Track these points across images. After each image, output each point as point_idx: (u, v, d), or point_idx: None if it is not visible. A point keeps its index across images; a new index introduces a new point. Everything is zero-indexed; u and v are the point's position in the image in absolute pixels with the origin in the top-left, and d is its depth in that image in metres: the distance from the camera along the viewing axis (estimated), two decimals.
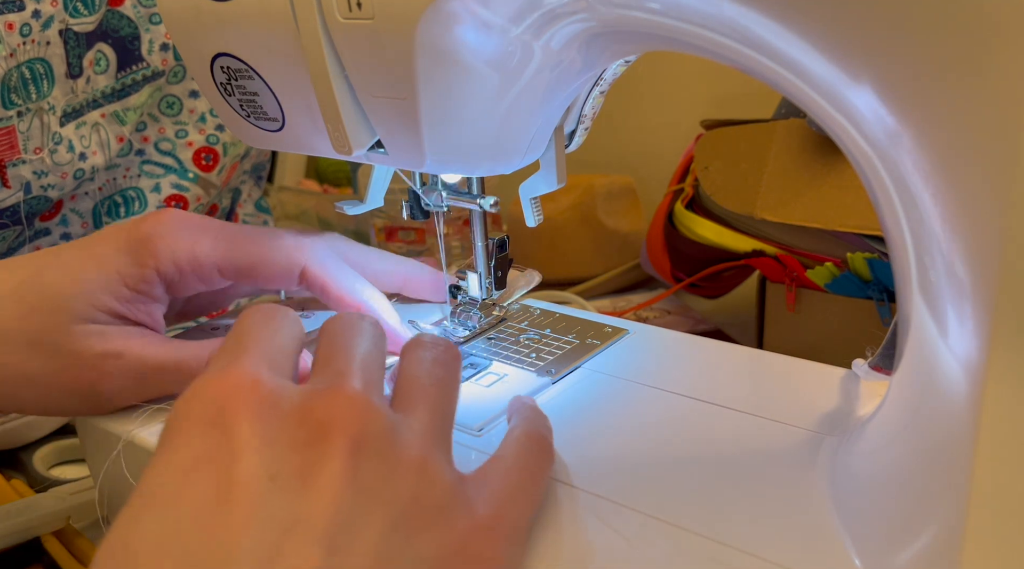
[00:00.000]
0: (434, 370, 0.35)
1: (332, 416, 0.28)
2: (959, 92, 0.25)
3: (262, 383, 0.29)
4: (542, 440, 0.37)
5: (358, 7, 0.36)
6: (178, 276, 0.43)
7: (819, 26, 0.28)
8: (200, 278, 0.44)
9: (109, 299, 0.42)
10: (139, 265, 0.42)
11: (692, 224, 0.74)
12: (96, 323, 0.42)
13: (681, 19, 0.34)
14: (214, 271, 0.44)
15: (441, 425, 0.32)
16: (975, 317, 0.26)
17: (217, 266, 0.44)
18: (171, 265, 0.43)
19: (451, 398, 0.35)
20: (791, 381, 0.47)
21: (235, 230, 0.45)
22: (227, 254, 0.44)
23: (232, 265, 0.44)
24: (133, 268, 0.42)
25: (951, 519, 0.28)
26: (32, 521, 0.52)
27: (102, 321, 0.42)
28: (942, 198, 0.27)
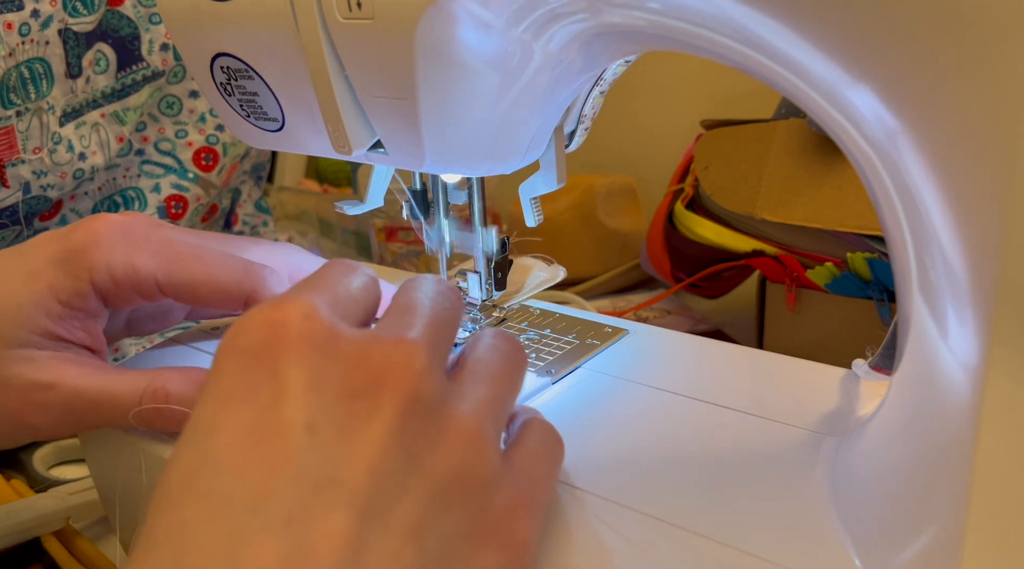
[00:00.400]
0: (502, 359, 0.32)
1: (388, 367, 0.26)
2: (960, 92, 0.25)
3: (319, 319, 0.26)
4: (557, 433, 0.36)
5: (358, 7, 0.36)
6: (114, 288, 0.40)
7: (821, 26, 0.28)
8: (139, 292, 0.40)
9: (41, 318, 0.38)
10: (72, 277, 0.39)
11: (692, 224, 0.74)
12: (27, 347, 0.38)
13: (681, 19, 0.34)
14: (153, 285, 0.40)
15: (500, 405, 0.30)
16: (975, 317, 0.26)
17: (156, 281, 0.40)
18: (106, 276, 0.39)
19: (514, 386, 0.32)
20: (791, 381, 0.46)
21: (182, 245, 0.41)
22: (168, 269, 0.40)
23: (171, 282, 0.40)
24: (65, 281, 0.39)
25: (951, 519, 0.28)
26: (32, 521, 0.52)
27: (34, 344, 0.38)
28: (943, 197, 0.27)
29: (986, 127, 0.25)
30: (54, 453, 0.65)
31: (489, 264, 0.52)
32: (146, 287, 0.40)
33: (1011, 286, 0.24)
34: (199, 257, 0.40)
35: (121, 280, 0.39)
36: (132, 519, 0.51)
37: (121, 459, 0.48)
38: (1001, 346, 0.25)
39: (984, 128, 0.25)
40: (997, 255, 0.25)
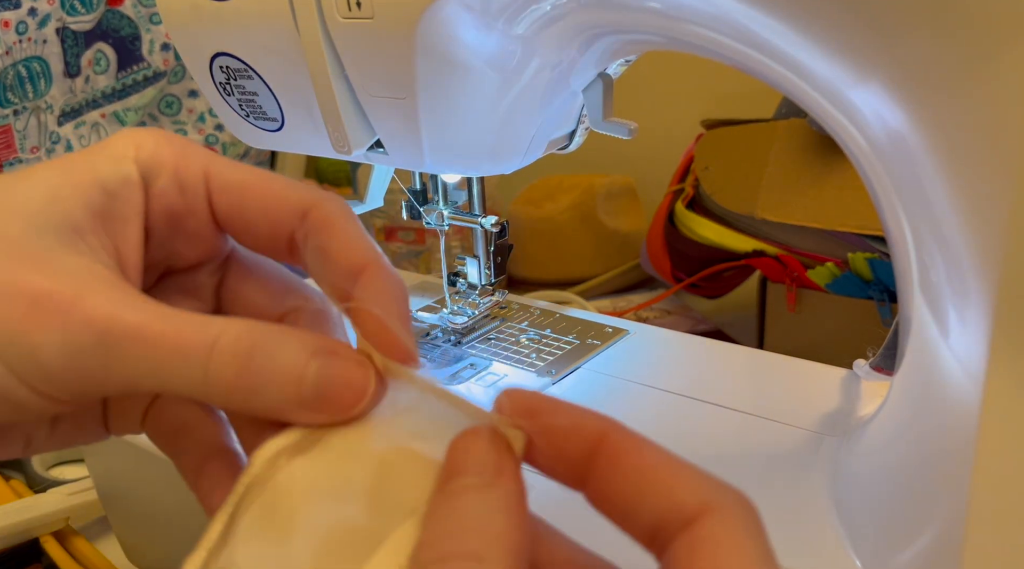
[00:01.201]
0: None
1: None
2: (970, 89, 0.25)
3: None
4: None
5: (357, 7, 0.36)
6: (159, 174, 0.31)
7: (826, 26, 0.28)
8: (182, 191, 0.31)
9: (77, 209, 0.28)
10: (115, 158, 0.30)
11: (693, 224, 0.74)
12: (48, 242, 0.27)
13: (681, 18, 0.34)
14: (200, 184, 0.31)
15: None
16: (977, 317, 0.26)
17: (206, 174, 0.31)
18: (153, 160, 0.31)
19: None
20: (792, 381, 0.46)
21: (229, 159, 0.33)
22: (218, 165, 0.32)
23: (222, 179, 0.31)
24: (107, 163, 0.30)
25: (952, 520, 0.28)
26: (31, 522, 0.52)
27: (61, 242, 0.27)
28: (950, 195, 0.27)
29: (995, 124, 0.25)
30: (53, 453, 0.65)
31: (488, 248, 0.52)
32: (192, 183, 0.31)
33: (1014, 286, 0.24)
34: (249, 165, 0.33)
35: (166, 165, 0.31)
36: (131, 520, 0.51)
37: (120, 460, 0.48)
38: (1003, 346, 0.25)
39: (993, 125, 0.25)
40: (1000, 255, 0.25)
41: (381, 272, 0.28)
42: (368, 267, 0.28)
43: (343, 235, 0.29)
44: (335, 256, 0.29)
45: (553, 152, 0.46)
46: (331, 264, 0.29)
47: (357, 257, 0.28)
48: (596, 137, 0.46)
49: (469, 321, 0.53)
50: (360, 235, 0.29)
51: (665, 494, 0.21)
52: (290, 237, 0.30)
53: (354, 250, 0.29)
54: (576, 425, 0.22)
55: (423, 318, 0.55)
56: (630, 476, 0.21)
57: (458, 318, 0.53)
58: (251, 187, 0.31)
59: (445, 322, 0.53)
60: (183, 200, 0.31)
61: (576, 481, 0.23)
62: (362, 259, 0.28)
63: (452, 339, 0.53)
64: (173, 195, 0.31)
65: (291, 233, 0.30)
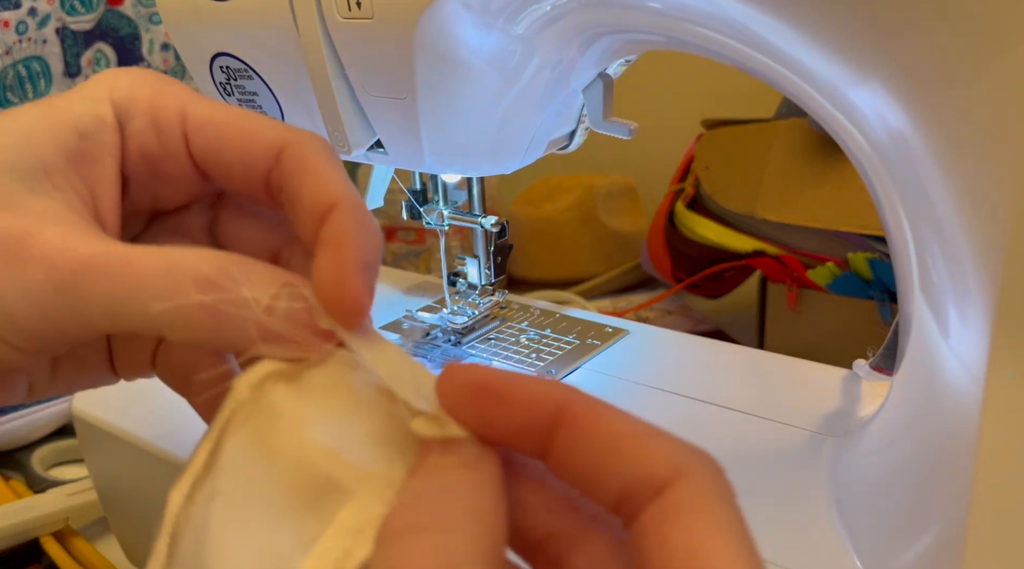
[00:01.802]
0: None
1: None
2: (971, 89, 0.25)
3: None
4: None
5: (357, 6, 0.36)
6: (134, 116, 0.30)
7: (826, 25, 0.28)
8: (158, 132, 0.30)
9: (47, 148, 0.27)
10: (91, 99, 0.29)
11: (693, 224, 0.74)
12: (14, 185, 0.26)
13: (681, 18, 0.34)
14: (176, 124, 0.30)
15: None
16: (978, 317, 0.26)
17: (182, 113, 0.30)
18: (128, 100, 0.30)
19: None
20: (792, 381, 0.46)
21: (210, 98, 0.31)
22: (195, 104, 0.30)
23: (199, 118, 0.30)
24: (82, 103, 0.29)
25: (953, 520, 0.28)
26: (31, 522, 0.52)
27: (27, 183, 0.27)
28: (951, 194, 0.27)
29: (997, 123, 0.24)
30: (53, 453, 0.65)
31: (488, 248, 0.52)
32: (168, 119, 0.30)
33: (1015, 286, 0.24)
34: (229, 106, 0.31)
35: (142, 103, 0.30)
36: (131, 520, 0.51)
37: (120, 460, 0.48)
38: (1004, 346, 0.25)
39: (995, 124, 0.25)
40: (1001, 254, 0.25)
41: (348, 212, 0.26)
42: (336, 207, 0.26)
43: (315, 174, 0.27)
44: (305, 196, 0.27)
45: (553, 152, 0.46)
46: (301, 208, 0.27)
47: (326, 197, 0.26)
48: (596, 137, 0.46)
49: (469, 321, 0.53)
50: (334, 175, 0.27)
51: (633, 462, 0.20)
52: (266, 178, 0.28)
53: (324, 190, 0.27)
54: (535, 397, 0.21)
55: (423, 318, 0.55)
56: (595, 445, 0.20)
57: (458, 318, 0.53)
58: (226, 125, 0.29)
59: (445, 322, 0.53)
60: (159, 141, 0.29)
61: (537, 451, 0.21)
62: (330, 199, 0.26)
63: (452, 339, 0.53)
64: (149, 136, 0.29)
65: (267, 173, 0.28)
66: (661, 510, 0.19)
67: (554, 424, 0.21)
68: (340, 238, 0.25)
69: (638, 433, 0.20)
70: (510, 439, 0.22)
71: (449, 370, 0.22)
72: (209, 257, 0.24)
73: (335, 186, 0.27)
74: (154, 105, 0.29)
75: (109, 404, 0.48)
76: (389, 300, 0.61)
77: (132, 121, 0.29)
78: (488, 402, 0.21)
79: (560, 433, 0.21)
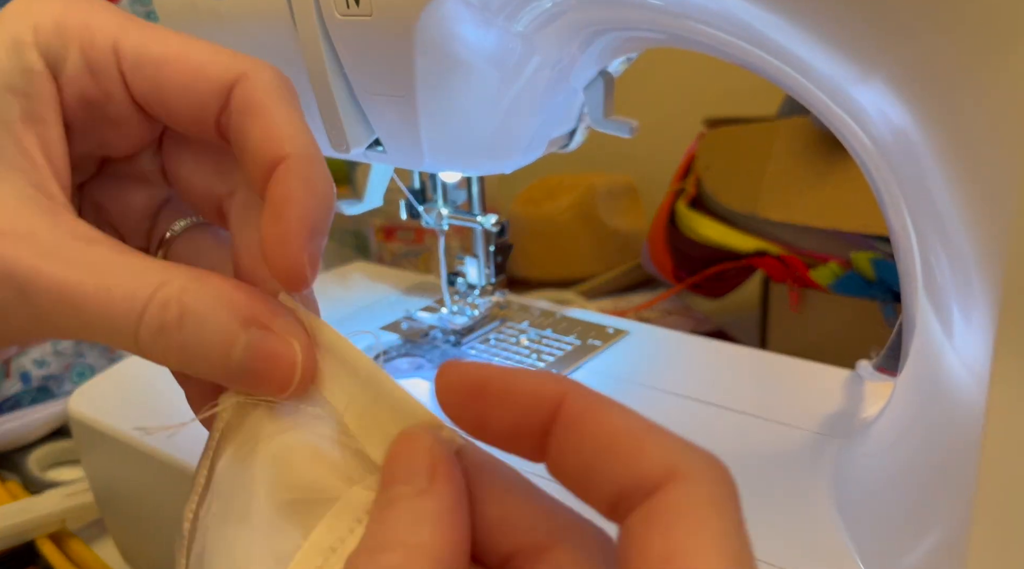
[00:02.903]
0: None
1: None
2: (975, 87, 0.25)
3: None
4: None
5: (356, 4, 0.36)
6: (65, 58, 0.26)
7: (831, 22, 0.28)
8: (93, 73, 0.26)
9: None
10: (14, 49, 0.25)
11: (694, 223, 0.73)
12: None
13: (683, 15, 0.34)
14: (111, 62, 0.26)
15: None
16: (982, 317, 0.26)
17: (115, 48, 0.26)
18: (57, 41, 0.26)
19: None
20: (794, 382, 0.46)
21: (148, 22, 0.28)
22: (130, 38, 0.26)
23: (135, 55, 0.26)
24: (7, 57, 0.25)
25: (956, 522, 0.27)
26: (27, 524, 0.52)
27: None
28: (955, 195, 0.27)
29: (1001, 122, 0.24)
30: (49, 455, 0.64)
31: (488, 248, 0.52)
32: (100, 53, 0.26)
33: (1019, 286, 0.24)
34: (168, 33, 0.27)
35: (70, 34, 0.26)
36: (127, 521, 0.51)
37: (117, 461, 0.48)
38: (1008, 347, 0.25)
39: (999, 123, 0.24)
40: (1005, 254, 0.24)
41: (295, 168, 0.24)
42: (284, 159, 0.24)
43: (264, 118, 0.25)
44: (251, 143, 0.24)
45: (553, 151, 0.46)
46: (248, 153, 0.24)
47: (274, 146, 0.24)
48: (597, 136, 0.46)
49: (469, 321, 0.53)
50: (284, 118, 0.25)
51: (627, 461, 0.18)
52: (217, 118, 0.26)
53: (272, 137, 0.24)
54: (530, 395, 0.20)
55: (423, 318, 0.55)
56: (589, 444, 0.19)
57: (458, 318, 0.53)
58: (168, 62, 0.26)
59: (445, 322, 0.53)
60: (96, 84, 0.26)
61: (536, 452, 0.20)
62: (278, 149, 0.24)
63: (452, 339, 0.53)
64: (84, 80, 0.26)
65: (217, 114, 0.26)
66: (647, 513, 0.18)
67: (550, 422, 0.20)
68: (284, 199, 0.23)
69: (634, 431, 0.19)
70: (507, 440, 0.21)
71: (445, 368, 0.21)
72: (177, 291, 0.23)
73: (284, 132, 0.24)
74: (84, 44, 0.26)
75: (105, 405, 0.48)
76: (389, 300, 0.60)
77: (64, 65, 0.26)
78: (484, 402, 0.20)
79: (555, 432, 0.20)
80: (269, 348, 0.23)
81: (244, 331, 0.23)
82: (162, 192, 0.30)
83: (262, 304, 0.23)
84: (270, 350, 0.23)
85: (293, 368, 0.23)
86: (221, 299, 0.23)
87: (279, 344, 0.23)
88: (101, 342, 0.24)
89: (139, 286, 0.23)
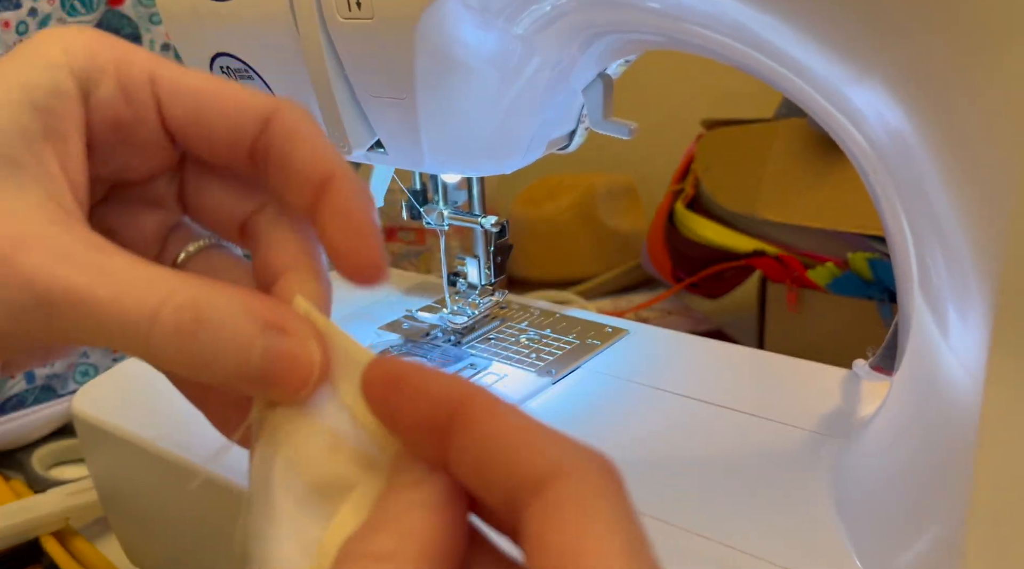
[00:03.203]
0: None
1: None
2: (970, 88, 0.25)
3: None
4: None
5: (357, 7, 0.36)
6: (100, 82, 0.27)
7: (827, 24, 0.28)
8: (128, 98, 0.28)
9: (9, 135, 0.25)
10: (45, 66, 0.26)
11: (693, 224, 0.74)
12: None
13: (681, 18, 0.34)
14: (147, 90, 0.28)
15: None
16: (978, 317, 0.26)
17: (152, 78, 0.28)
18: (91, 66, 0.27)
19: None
20: (792, 381, 0.46)
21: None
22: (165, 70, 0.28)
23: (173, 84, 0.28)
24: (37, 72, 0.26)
25: (953, 520, 0.28)
26: (31, 522, 0.52)
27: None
28: (950, 195, 0.27)
29: (996, 123, 0.24)
30: (53, 453, 0.65)
31: (488, 248, 0.52)
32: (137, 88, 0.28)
33: (1014, 286, 0.24)
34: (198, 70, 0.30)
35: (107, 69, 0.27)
36: (131, 519, 0.51)
37: (120, 460, 0.48)
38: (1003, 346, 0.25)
39: (994, 124, 0.25)
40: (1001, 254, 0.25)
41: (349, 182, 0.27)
42: (334, 176, 0.27)
43: (307, 144, 0.27)
44: (299, 167, 0.27)
45: (553, 152, 0.46)
46: (295, 175, 0.27)
47: (322, 168, 0.27)
48: (596, 137, 0.46)
49: (469, 321, 0.53)
50: (324, 144, 0.28)
51: (516, 460, 0.19)
52: (251, 146, 0.28)
53: (319, 161, 0.27)
54: (436, 392, 0.21)
55: (423, 318, 0.55)
56: (483, 442, 0.20)
57: (458, 318, 0.53)
58: (207, 93, 0.28)
59: (445, 322, 0.53)
60: (130, 109, 0.28)
61: (438, 451, 0.21)
62: (326, 170, 0.27)
63: (452, 339, 0.53)
64: (119, 104, 0.28)
65: (252, 142, 0.28)
66: (539, 509, 0.19)
67: (451, 420, 0.21)
68: (348, 207, 0.26)
69: (526, 431, 0.20)
70: (413, 435, 0.22)
71: (374, 362, 0.22)
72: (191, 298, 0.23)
73: (329, 155, 0.27)
74: (121, 70, 0.27)
75: (109, 404, 0.48)
76: (389, 300, 0.61)
77: (98, 88, 0.27)
78: (394, 394, 0.22)
79: (455, 429, 0.21)
80: (287, 350, 0.24)
81: (262, 334, 0.23)
82: (174, 216, 0.31)
83: (277, 308, 0.25)
84: (288, 351, 0.24)
85: (311, 368, 0.24)
86: (237, 303, 0.24)
87: (296, 346, 0.24)
88: (116, 348, 0.24)
89: (153, 290, 0.23)
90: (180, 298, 0.23)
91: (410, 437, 0.22)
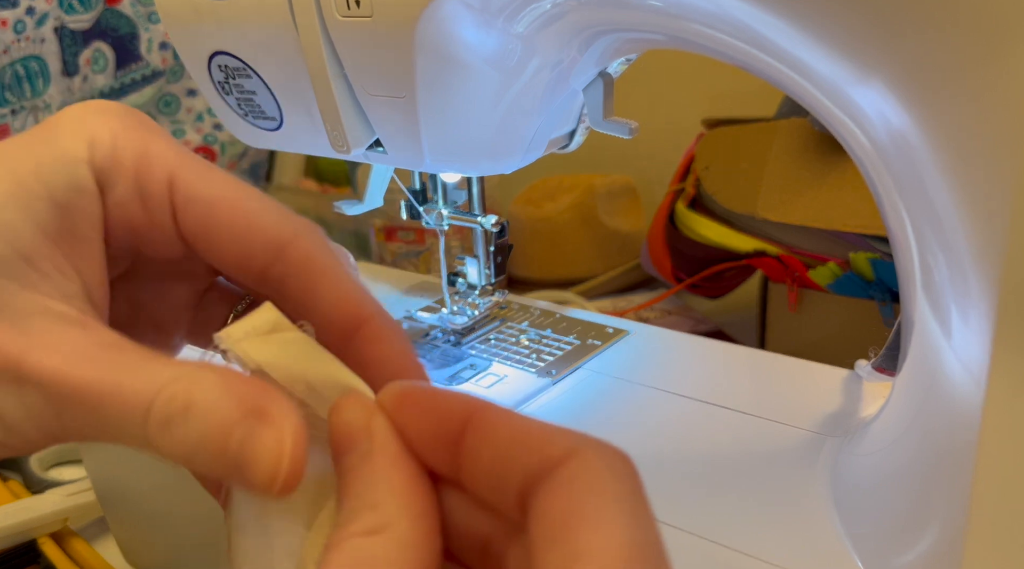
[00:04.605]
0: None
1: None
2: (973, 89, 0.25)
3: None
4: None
5: (356, 5, 0.36)
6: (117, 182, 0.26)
7: (829, 23, 0.28)
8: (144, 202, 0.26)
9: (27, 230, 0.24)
10: (66, 163, 0.25)
11: (693, 224, 0.73)
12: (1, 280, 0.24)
13: (682, 17, 0.34)
14: (164, 194, 0.26)
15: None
16: (979, 318, 0.26)
17: (171, 182, 0.26)
18: (111, 162, 0.26)
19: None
20: (793, 382, 0.46)
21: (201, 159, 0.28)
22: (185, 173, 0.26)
23: (188, 192, 0.26)
24: (56, 167, 0.25)
25: (953, 521, 0.28)
26: (29, 523, 0.52)
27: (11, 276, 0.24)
28: (953, 196, 0.27)
29: (999, 123, 0.24)
30: (51, 454, 0.65)
31: (488, 248, 0.52)
32: (155, 186, 0.26)
33: (1016, 287, 0.24)
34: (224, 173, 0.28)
35: (126, 165, 0.26)
36: (129, 520, 0.51)
37: (119, 461, 0.48)
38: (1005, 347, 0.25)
39: (997, 124, 0.24)
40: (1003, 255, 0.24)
41: (387, 327, 0.26)
42: (370, 321, 0.26)
43: (331, 280, 0.27)
44: (325, 309, 0.26)
45: (553, 152, 0.46)
46: (320, 316, 0.26)
47: (353, 309, 0.26)
48: (596, 137, 0.46)
49: (469, 321, 0.53)
50: (349, 278, 0.27)
51: (530, 450, 0.20)
52: (261, 272, 0.27)
53: (349, 300, 0.26)
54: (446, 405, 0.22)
55: (423, 318, 0.55)
56: (499, 440, 0.21)
57: (458, 318, 0.53)
58: (219, 207, 0.26)
59: (445, 322, 0.53)
60: (145, 213, 0.26)
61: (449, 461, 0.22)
62: (359, 311, 0.26)
63: (452, 339, 0.53)
64: (134, 207, 0.26)
65: (263, 268, 0.27)
66: (549, 485, 0.19)
67: (465, 427, 0.21)
68: (396, 358, 0.26)
69: (539, 426, 0.21)
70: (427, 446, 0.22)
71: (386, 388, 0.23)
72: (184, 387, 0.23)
73: (359, 294, 0.27)
74: (141, 169, 0.26)
75: None
76: (389, 300, 0.60)
77: (115, 188, 0.26)
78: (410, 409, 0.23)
79: (468, 436, 0.21)
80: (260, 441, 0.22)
81: (242, 421, 0.22)
82: (205, 282, 0.30)
83: (262, 392, 0.23)
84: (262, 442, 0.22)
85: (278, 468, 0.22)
86: (221, 387, 0.23)
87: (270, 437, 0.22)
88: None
89: (149, 381, 0.23)
90: (173, 387, 0.23)
91: (424, 449, 0.22)
